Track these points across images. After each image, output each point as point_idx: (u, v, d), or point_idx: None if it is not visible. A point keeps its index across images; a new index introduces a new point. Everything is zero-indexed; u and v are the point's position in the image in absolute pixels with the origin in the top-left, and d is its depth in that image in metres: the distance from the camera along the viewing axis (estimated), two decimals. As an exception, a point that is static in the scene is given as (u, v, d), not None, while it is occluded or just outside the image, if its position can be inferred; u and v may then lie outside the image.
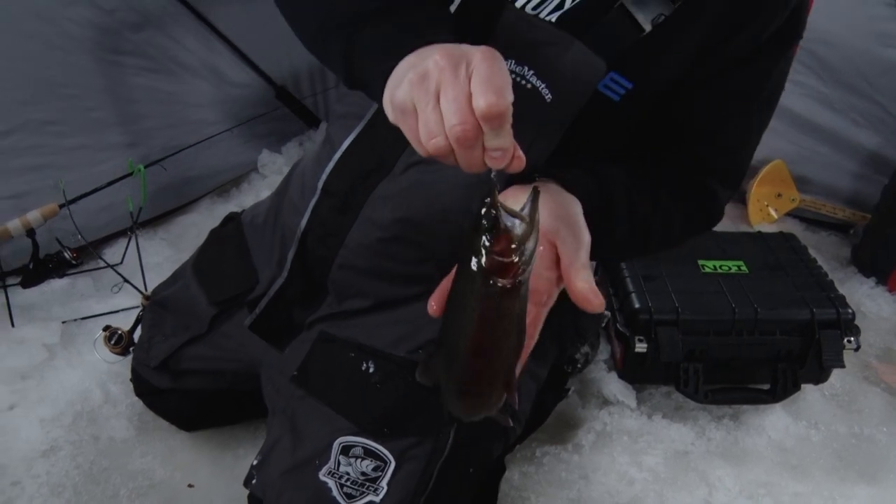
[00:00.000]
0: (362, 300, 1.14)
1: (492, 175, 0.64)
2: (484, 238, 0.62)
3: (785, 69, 1.00)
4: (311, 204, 1.13)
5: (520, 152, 0.64)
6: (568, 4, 0.91)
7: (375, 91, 0.74)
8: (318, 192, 1.11)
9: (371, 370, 1.09)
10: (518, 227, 0.62)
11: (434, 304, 0.74)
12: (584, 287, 0.70)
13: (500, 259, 0.62)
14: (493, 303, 0.64)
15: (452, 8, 0.93)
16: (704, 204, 1.04)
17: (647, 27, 0.89)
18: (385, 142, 1.04)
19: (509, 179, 0.84)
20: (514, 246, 0.62)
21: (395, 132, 0.70)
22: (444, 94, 0.61)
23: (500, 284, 0.62)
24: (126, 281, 1.67)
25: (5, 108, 1.80)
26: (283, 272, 1.17)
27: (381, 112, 0.98)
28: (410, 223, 1.04)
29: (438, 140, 0.62)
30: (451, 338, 0.69)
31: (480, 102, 0.59)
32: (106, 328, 1.50)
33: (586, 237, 0.75)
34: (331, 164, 1.10)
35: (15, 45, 1.78)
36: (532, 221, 0.63)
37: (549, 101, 0.91)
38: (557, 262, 0.74)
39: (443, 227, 1.03)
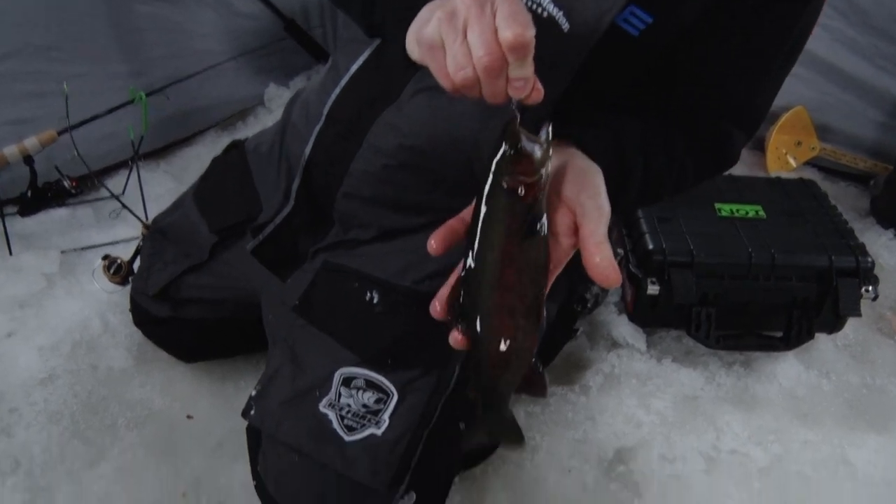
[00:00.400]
0: (367, 229, 1.09)
1: (512, 105, 0.67)
2: (507, 159, 0.66)
3: (812, 13, 0.93)
4: (315, 131, 1.08)
5: (539, 84, 0.66)
6: None
7: (395, 35, 0.76)
8: (323, 118, 1.07)
9: (375, 300, 1.05)
10: (538, 150, 0.66)
11: (434, 243, 0.71)
12: (604, 263, 0.67)
13: (524, 178, 0.66)
14: (517, 235, 0.66)
15: None
16: (719, 146, 0.99)
17: None
18: (393, 68, 0.98)
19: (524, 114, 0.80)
20: (535, 167, 0.66)
21: (404, 58, 0.73)
22: (472, 29, 0.64)
23: (524, 200, 0.66)
24: (125, 207, 1.62)
25: (7, 30, 1.74)
26: (290, 201, 1.13)
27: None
28: (418, 150, 0.99)
29: (467, 71, 0.64)
30: (477, 276, 0.68)
31: (507, 34, 0.62)
32: (105, 257, 1.46)
33: (607, 208, 0.71)
34: (336, 90, 1.05)
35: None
36: (548, 146, 0.67)
37: (566, 30, 0.84)
38: (575, 229, 0.71)
39: (452, 155, 0.98)
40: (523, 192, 0.66)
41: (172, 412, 1.40)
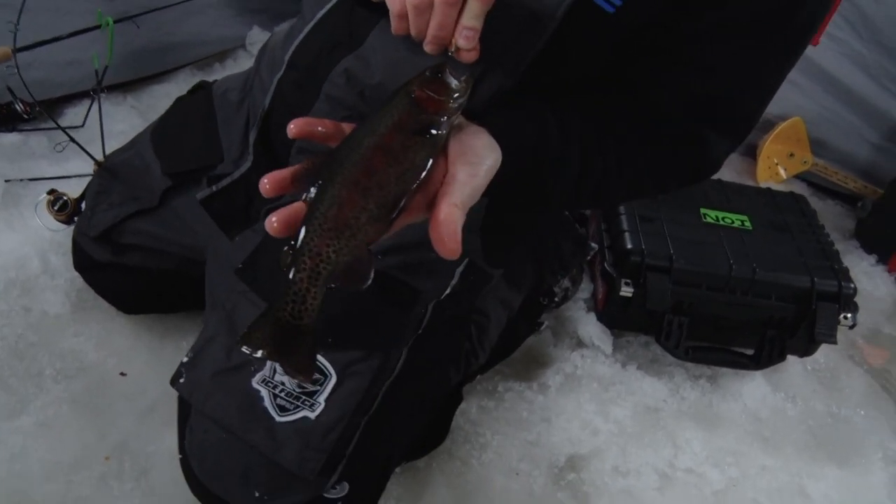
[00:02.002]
0: None
1: (449, 52, 0.69)
2: (423, 78, 0.67)
3: (823, 6, 0.84)
4: (275, 80, 1.01)
5: (479, 46, 0.69)
6: None
7: None
8: (284, 65, 0.99)
9: None
10: (455, 83, 0.67)
11: (276, 221, 0.62)
12: (447, 228, 0.60)
13: (432, 95, 0.66)
14: (406, 130, 0.64)
15: None
16: (690, 152, 0.90)
17: None
18: (359, 16, 0.90)
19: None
20: (447, 91, 0.66)
21: (370, 6, 0.75)
22: None
23: (425, 107, 0.66)
24: (73, 140, 1.50)
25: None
26: (249, 156, 1.04)
27: None
28: (376, 103, 0.90)
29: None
30: (339, 161, 0.63)
31: None
32: (50, 192, 1.36)
33: (479, 182, 0.65)
34: (300, 36, 0.97)
35: None
36: (468, 88, 0.67)
37: None
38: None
39: None
40: (427, 104, 0.66)
41: (106, 367, 1.30)
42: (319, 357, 0.94)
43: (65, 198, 1.35)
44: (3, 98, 1.68)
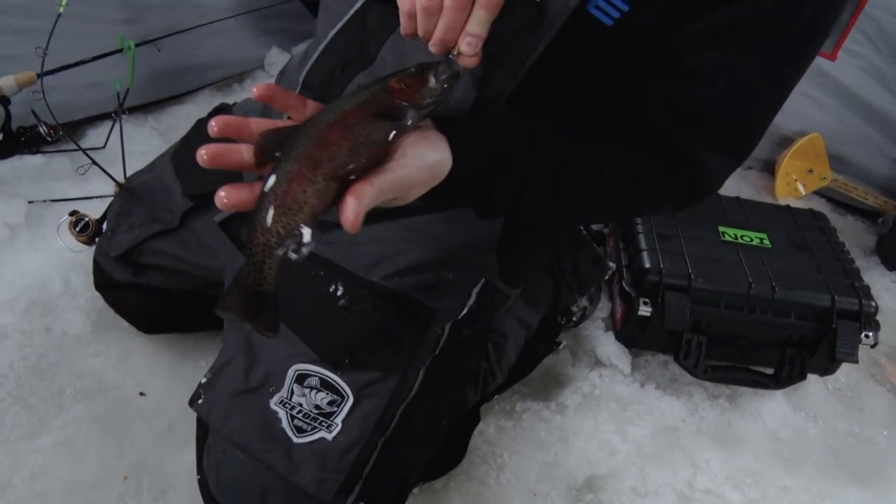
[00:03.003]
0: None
1: (451, 54, 0.71)
2: (404, 72, 0.71)
3: (828, 13, 0.79)
4: None
5: (481, 53, 0.70)
6: None
7: None
8: (298, 86, 1.00)
9: (339, 292, 0.97)
10: (433, 83, 0.70)
11: (225, 197, 0.65)
12: (354, 192, 0.63)
13: (405, 87, 0.70)
14: (368, 111, 0.68)
15: None
16: (680, 168, 0.86)
17: None
18: (371, 32, 0.91)
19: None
20: (424, 89, 0.70)
21: (382, 22, 0.77)
22: None
23: (395, 96, 0.69)
24: (94, 163, 1.52)
25: (-2, -38, 1.65)
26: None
27: (369, 2, 0.86)
28: None
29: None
30: (299, 135, 0.66)
31: None
32: (73, 213, 1.38)
33: (404, 174, 0.67)
34: (314, 56, 0.98)
35: None
36: (445, 90, 0.71)
37: (538, 0, 0.77)
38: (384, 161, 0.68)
39: None
40: (397, 94, 0.69)
41: (125, 387, 1.32)
42: (337, 378, 0.94)
43: (86, 219, 1.37)
44: (28, 121, 1.71)
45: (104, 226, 1.37)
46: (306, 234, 0.64)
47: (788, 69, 0.83)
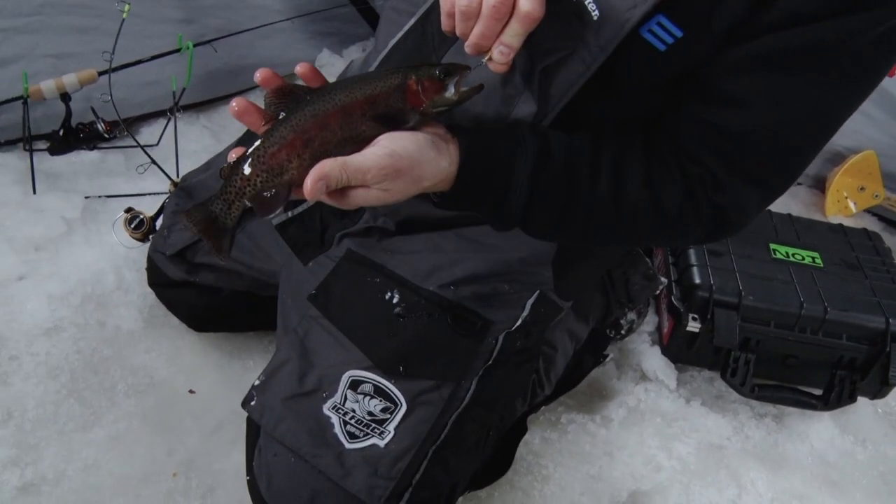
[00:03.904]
0: (395, 216, 1.02)
1: (482, 60, 0.72)
2: (426, 70, 0.73)
3: (887, 56, 0.77)
4: None
5: (511, 62, 0.72)
6: None
7: None
8: None
9: (395, 300, 0.98)
10: (450, 93, 0.73)
11: (236, 106, 0.75)
12: (321, 166, 0.69)
13: (420, 91, 0.72)
14: (374, 107, 0.72)
15: None
16: (707, 198, 0.83)
17: None
18: (431, 42, 0.90)
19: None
20: (434, 97, 0.73)
21: (442, 32, 0.74)
22: None
23: (396, 107, 0.73)
24: (153, 163, 1.55)
25: (61, -39, 1.68)
26: None
27: (432, 10, 0.86)
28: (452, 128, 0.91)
29: (472, 2, 0.68)
30: (305, 102, 0.71)
31: (525, 6, 0.67)
32: (128, 210, 1.40)
33: (369, 161, 0.71)
34: (374, 65, 0.97)
35: None
36: (457, 102, 0.74)
37: (595, 18, 0.76)
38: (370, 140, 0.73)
39: None
40: (409, 95, 0.72)
41: (175, 384, 1.34)
42: (391, 385, 0.95)
43: (141, 216, 1.39)
44: (86, 117, 1.74)
45: (158, 223, 1.40)
46: (279, 196, 0.71)
47: (837, 105, 0.80)
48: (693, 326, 1.43)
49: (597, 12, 0.75)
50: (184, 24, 1.89)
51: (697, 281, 1.44)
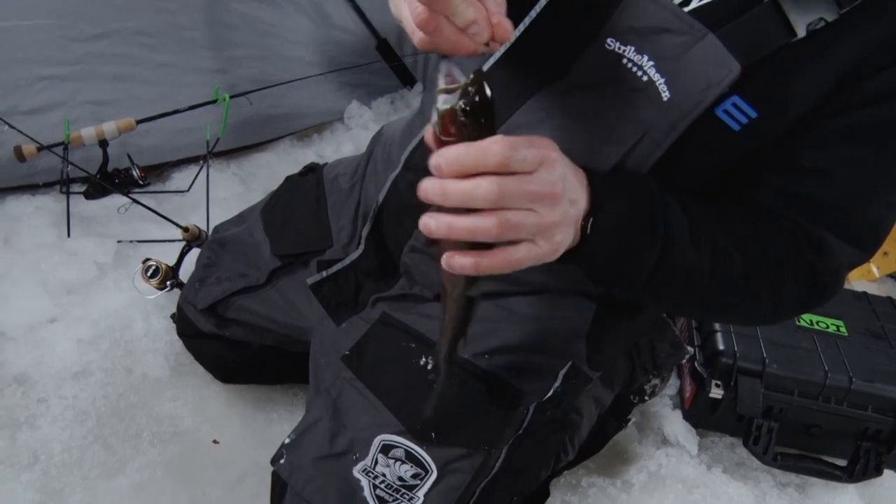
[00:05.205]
0: (433, 288, 1.03)
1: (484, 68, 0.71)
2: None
3: None
4: (391, 178, 1.02)
5: (497, 18, 0.64)
6: (696, 1, 0.77)
7: None
8: (401, 165, 1.00)
9: (429, 366, 0.98)
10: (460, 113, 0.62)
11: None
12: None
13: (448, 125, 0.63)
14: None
15: None
16: (807, 254, 0.81)
17: (801, 32, 0.73)
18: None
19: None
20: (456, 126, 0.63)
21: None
22: None
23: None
24: (161, 215, 1.60)
25: (103, 12, 1.74)
26: (360, 245, 1.07)
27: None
28: None
29: (417, 34, 0.65)
30: None
31: None
32: (145, 261, 1.43)
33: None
34: (418, 137, 0.97)
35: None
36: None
37: (665, 99, 0.77)
38: None
39: None
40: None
41: (199, 434, 1.34)
42: (422, 452, 0.95)
43: (155, 265, 1.42)
44: (122, 163, 1.78)
45: (181, 271, 1.42)
46: None
47: None
48: (716, 393, 1.43)
49: (668, 94, 0.76)
50: (217, 74, 1.94)
51: (721, 347, 1.44)
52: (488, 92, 0.61)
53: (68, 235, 1.65)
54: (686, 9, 0.77)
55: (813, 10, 0.73)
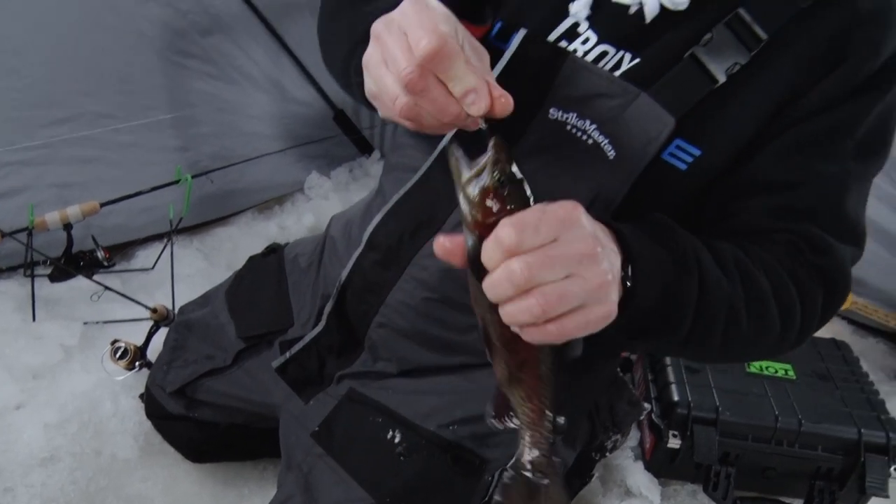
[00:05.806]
0: (398, 363, 1.07)
1: (482, 126, 0.64)
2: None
3: (885, 118, 0.85)
4: (354, 256, 1.06)
5: (499, 91, 0.63)
6: (626, 64, 0.84)
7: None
8: (363, 244, 1.04)
9: (397, 440, 1.02)
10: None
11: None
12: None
13: (484, 208, 0.62)
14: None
15: (507, 55, 0.86)
16: (814, 260, 0.83)
17: (721, 78, 0.81)
18: (438, 196, 0.96)
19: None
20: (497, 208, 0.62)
21: (449, 186, 0.68)
22: (386, 54, 0.63)
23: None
24: (129, 298, 1.63)
25: (68, 96, 1.79)
26: (321, 323, 1.11)
27: (435, 166, 0.93)
28: (463, 286, 0.97)
29: (400, 98, 0.63)
30: None
31: (419, 45, 0.60)
32: (113, 342, 1.45)
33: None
34: (379, 216, 1.02)
35: (87, 35, 1.77)
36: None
37: (611, 158, 0.84)
38: None
39: None
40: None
41: (171, 515, 1.36)
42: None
43: (123, 346, 1.44)
44: (86, 244, 1.80)
45: (149, 351, 1.44)
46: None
47: (864, 169, 0.87)
48: (674, 443, 1.48)
49: (612, 153, 0.83)
50: (180, 152, 1.99)
51: (676, 398, 1.50)
52: (513, 152, 0.60)
53: (33, 319, 1.66)
54: (617, 72, 0.84)
55: (728, 58, 0.81)
